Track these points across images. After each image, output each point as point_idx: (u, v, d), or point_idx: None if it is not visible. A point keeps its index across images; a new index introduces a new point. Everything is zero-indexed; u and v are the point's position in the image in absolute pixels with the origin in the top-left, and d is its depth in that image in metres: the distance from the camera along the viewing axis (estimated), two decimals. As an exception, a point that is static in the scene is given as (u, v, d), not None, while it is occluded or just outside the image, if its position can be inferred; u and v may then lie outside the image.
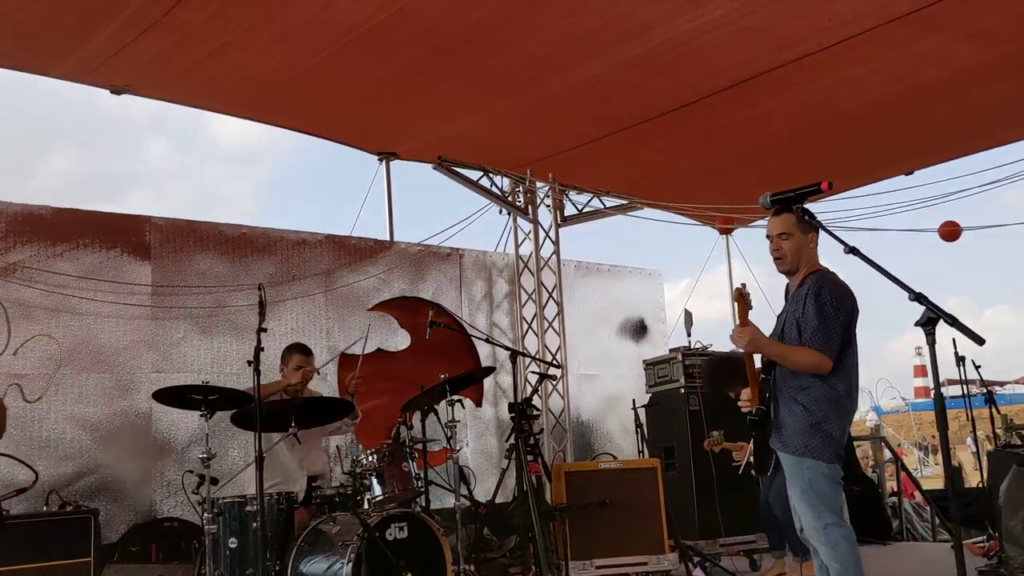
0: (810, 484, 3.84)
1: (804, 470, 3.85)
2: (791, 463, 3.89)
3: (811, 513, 3.84)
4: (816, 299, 3.81)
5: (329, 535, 4.98)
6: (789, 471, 3.91)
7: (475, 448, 8.90)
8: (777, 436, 3.92)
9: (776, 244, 3.99)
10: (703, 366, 6.88)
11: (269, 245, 7.86)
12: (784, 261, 4.01)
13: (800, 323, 3.86)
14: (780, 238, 3.96)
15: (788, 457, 3.89)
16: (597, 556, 5.91)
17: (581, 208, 9.58)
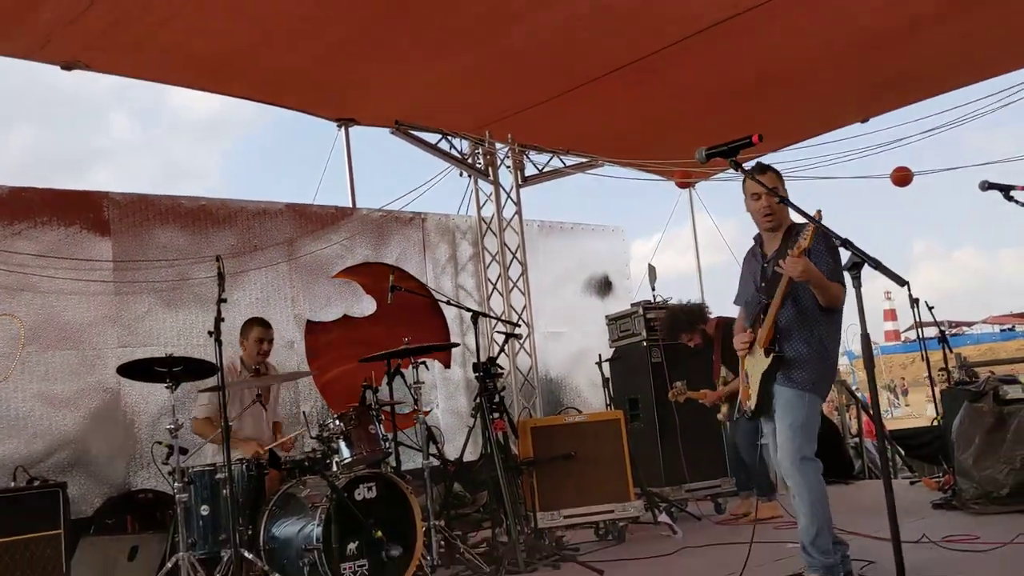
0: (805, 418, 4.03)
1: (804, 405, 4.04)
2: (791, 397, 4.04)
3: (794, 446, 4.01)
4: (826, 243, 3.93)
5: (299, 498, 5.08)
6: (786, 405, 4.04)
7: (445, 408, 9.02)
8: (783, 374, 4.06)
9: (768, 202, 4.10)
10: (664, 315, 7.04)
11: (229, 216, 7.86)
12: (773, 218, 4.16)
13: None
14: (769, 196, 4.05)
15: (789, 391, 4.04)
16: (565, 506, 6.06)
17: (541, 168, 9.65)
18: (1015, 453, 5.92)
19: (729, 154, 3.13)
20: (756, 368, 4.15)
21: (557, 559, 5.45)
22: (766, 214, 4.16)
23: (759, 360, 4.12)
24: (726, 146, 3.14)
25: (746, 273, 4.40)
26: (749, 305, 4.32)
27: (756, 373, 4.15)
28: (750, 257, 4.41)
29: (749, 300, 4.33)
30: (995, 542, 4.69)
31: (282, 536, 5.00)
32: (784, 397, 4.07)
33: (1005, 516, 5.55)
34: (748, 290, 4.35)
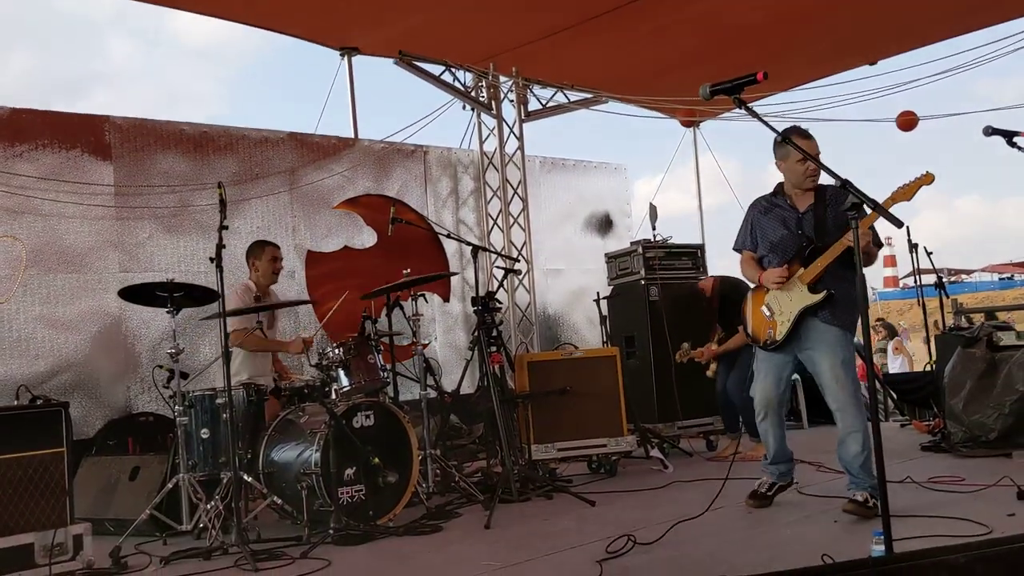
0: (851, 356, 4.47)
1: (848, 343, 4.47)
2: (839, 335, 4.43)
3: (851, 378, 4.42)
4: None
5: (298, 424, 5.16)
6: (834, 342, 4.41)
7: (443, 342, 9.10)
8: (833, 313, 4.41)
9: (816, 166, 4.34)
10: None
11: (231, 144, 7.83)
12: (817, 178, 4.51)
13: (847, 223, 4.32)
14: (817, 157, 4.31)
15: (836, 330, 4.42)
16: (559, 440, 6.15)
17: (545, 103, 9.56)
18: (1004, 399, 5.98)
19: (733, 91, 3.12)
20: (794, 303, 4.47)
21: (550, 490, 5.56)
22: (811, 176, 4.49)
23: (800, 295, 4.45)
24: (730, 83, 3.13)
25: (770, 220, 4.67)
26: (779, 247, 4.61)
27: (794, 307, 4.46)
28: (771, 206, 4.71)
29: (777, 241, 4.62)
30: (978, 484, 4.78)
31: (281, 460, 5.09)
32: (832, 335, 4.43)
33: (992, 460, 5.64)
34: (776, 233, 4.63)
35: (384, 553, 4.40)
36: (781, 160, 4.57)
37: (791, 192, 4.64)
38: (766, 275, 4.55)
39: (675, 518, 4.37)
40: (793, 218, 4.57)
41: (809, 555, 3.59)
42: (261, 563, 4.25)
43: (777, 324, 4.52)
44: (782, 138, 3.82)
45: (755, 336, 4.69)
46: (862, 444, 4.32)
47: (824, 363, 4.43)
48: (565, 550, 4.10)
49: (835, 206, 4.43)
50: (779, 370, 4.63)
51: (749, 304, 4.76)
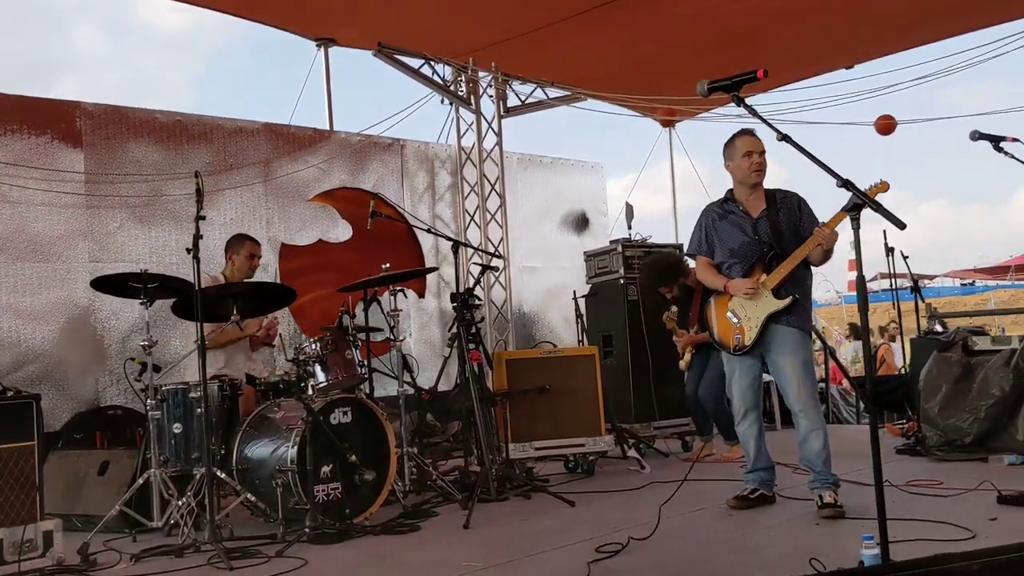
0: (809, 356, 4.64)
1: (807, 345, 4.63)
2: (799, 337, 4.55)
3: (811, 380, 4.57)
4: (808, 207, 4.65)
5: (274, 420, 5.06)
6: (795, 345, 4.52)
7: (418, 338, 9.02)
8: (793, 317, 4.51)
9: (760, 160, 4.61)
10: (644, 266, 7.01)
11: (205, 133, 7.69)
12: (762, 174, 4.64)
13: (799, 226, 4.57)
14: (762, 155, 4.61)
15: (797, 332, 4.54)
16: (536, 438, 6.09)
17: (524, 99, 9.51)
18: (980, 403, 6.01)
19: (732, 88, 3.09)
20: (760, 308, 4.55)
21: (528, 489, 5.50)
22: (757, 171, 4.61)
23: (765, 301, 4.53)
24: (729, 80, 3.09)
25: (727, 227, 4.74)
26: (739, 254, 4.67)
27: (760, 313, 4.54)
28: (724, 213, 4.78)
29: (737, 248, 4.68)
30: (959, 487, 4.79)
31: (255, 456, 4.99)
32: (793, 338, 4.54)
33: (967, 463, 5.67)
34: (735, 240, 4.69)
35: (362, 552, 4.32)
36: (728, 160, 4.69)
37: (741, 197, 4.72)
38: (734, 285, 4.60)
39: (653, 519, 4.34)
40: (748, 223, 4.66)
41: (795, 557, 3.57)
42: (235, 561, 4.15)
43: (745, 330, 4.59)
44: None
45: (722, 342, 4.74)
46: (823, 441, 4.48)
47: (787, 365, 4.53)
48: (548, 551, 4.05)
49: (787, 210, 4.62)
50: (751, 371, 4.70)
51: (713, 310, 4.79)
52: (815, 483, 4.47)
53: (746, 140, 4.64)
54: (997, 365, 6.12)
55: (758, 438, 4.72)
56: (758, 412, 4.73)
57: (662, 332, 7.01)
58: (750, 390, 4.68)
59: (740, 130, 4.72)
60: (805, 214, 4.61)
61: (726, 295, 4.67)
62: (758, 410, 4.73)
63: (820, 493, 4.40)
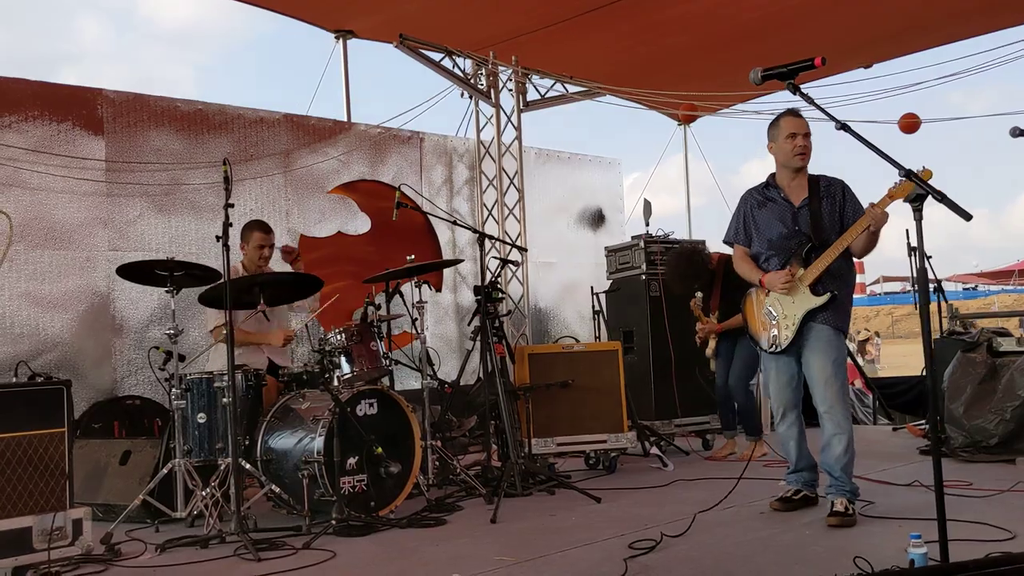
0: (843, 356, 4.43)
1: (841, 344, 4.43)
2: (832, 336, 4.37)
3: (839, 382, 4.36)
4: (852, 193, 4.44)
5: (299, 411, 5.02)
6: (828, 343, 4.35)
7: (434, 332, 8.96)
8: (830, 313, 4.34)
9: (804, 142, 4.40)
10: (671, 258, 6.87)
11: (226, 123, 7.64)
12: (806, 157, 4.43)
13: (842, 215, 4.38)
14: (806, 137, 4.40)
15: (831, 331, 4.36)
16: (558, 434, 6.05)
17: (544, 93, 9.45)
18: (1005, 404, 5.97)
19: (787, 76, 3.02)
20: (797, 305, 4.38)
21: (554, 485, 5.45)
22: (800, 154, 4.40)
23: (802, 298, 4.36)
24: (785, 68, 3.03)
25: (766, 216, 4.55)
26: (777, 245, 4.49)
27: (797, 311, 4.38)
28: (765, 200, 4.58)
29: (775, 240, 4.50)
30: (990, 489, 4.75)
31: (280, 448, 4.95)
32: (826, 336, 4.36)
33: (994, 465, 5.63)
34: (774, 231, 4.51)
35: (389, 546, 4.28)
36: (772, 141, 4.49)
37: (783, 182, 4.52)
38: (770, 279, 4.42)
39: (685, 517, 4.30)
40: (789, 213, 4.46)
41: (834, 557, 3.53)
42: (262, 553, 4.12)
43: (781, 328, 4.42)
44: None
45: (757, 338, 4.60)
46: (846, 446, 4.31)
47: (816, 363, 4.36)
48: (579, 547, 4.00)
49: (830, 199, 4.41)
50: (789, 368, 4.51)
51: (750, 305, 4.65)
52: (830, 489, 4.31)
53: (791, 121, 4.42)
54: (1023, 366, 6.07)
55: (799, 439, 4.56)
56: (798, 411, 4.54)
57: (684, 329, 6.96)
58: (788, 388, 4.51)
59: (786, 110, 4.51)
60: (849, 201, 4.41)
61: (762, 289, 4.51)
62: (798, 409, 4.54)
63: (833, 499, 4.25)
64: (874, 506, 4.47)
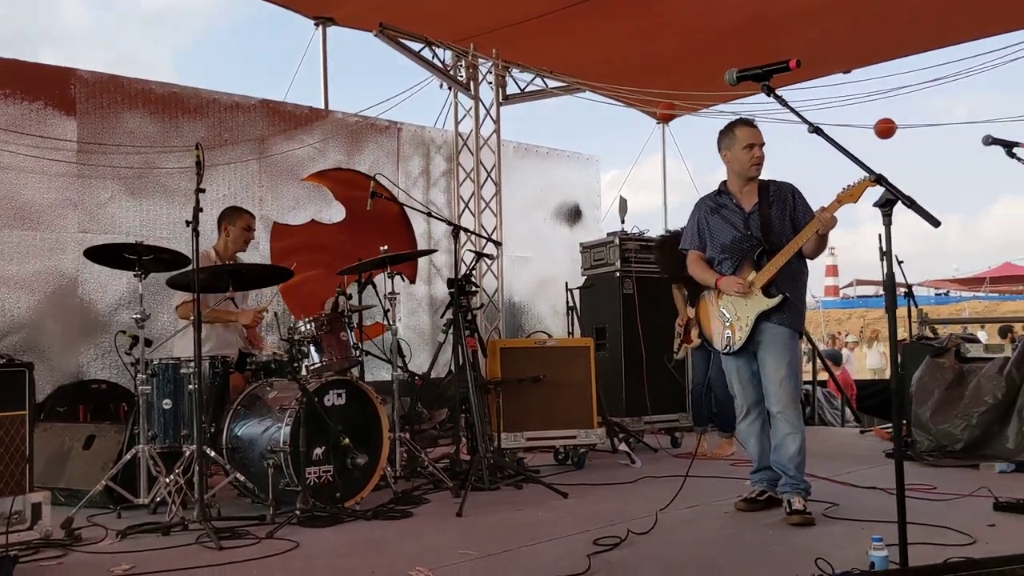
0: (796, 358, 4.48)
1: (796, 345, 4.49)
2: (787, 337, 4.42)
3: (793, 383, 4.43)
4: (802, 197, 4.52)
5: (266, 400, 4.97)
6: (783, 345, 4.40)
7: (407, 324, 8.94)
8: (784, 314, 4.40)
9: (761, 153, 4.48)
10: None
11: (201, 107, 7.57)
12: (761, 167, 4.51)
13: (793, 219, 4.45)
14: (762, 147, 4.49)
15: (786, 332, 4.42)
16: (528, 429, 6.05)
17: (524, 87, 9.43)
18: (972, 410, 6.02)
19: (762, 78, 3.03)
20: (750, 307, 4.44)
21: (521, 479, 5.45)
22: (757, 164, 4.48)
23: (755, 300, 4.42)
24: (760, 69, 3.03)
25: (719, 222, 4.61)
26: (730, 249, 4.56)
27: (750, 312, 4.44)
28: (717, 207, 4.65)
29: (728, 244, 4.57)
30: (954, 493, 4.79)
31: (246, 436, 4.90)
32: (781, 337, 4.42)
33: (959, 470, 5.68)
34: (726, 235, 4.57)
35: (354, 537, 4.25)
36: (727, 150, 4.54)
37: (735, 189, 4.59)
38: (725, 283, 4.48)
39: (651, 514, 4.31)
40: (740, 218, 4.53)
41: (796, 557, 3.55)
42: (224, 541, 4.08)
43: (735, 329, 4.48)
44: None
45: (710, 339, 4.66)
46: (800, 446, 4.38)
47: (771, 365, 4.41)
48: (544, 542, 4.00)
49: (780, 203, 4.49)
50: (748, 367, 4.56)
51: (704, 307, 4.70)
52: (785, 487, 4.38)
53: (748, 132, 4.48)
54: (990, 373, 6.13)
55: (760, 436, 4.60)
56: (761, 408, 4.57)
57: (656, 327, 6.98)
58: (750, 386, 4.55)
59: (739, 119, 4.58)
60: (800, 204, 4.49)
61: (715, 292, 4.57)
62: (761, 406, 4.56)
63: (789, 498, 4.31)
64: (838, 508, 4.51)
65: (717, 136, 4.61)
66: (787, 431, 4.38)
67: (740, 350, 4.50)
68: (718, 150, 4.62)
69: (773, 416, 4.45)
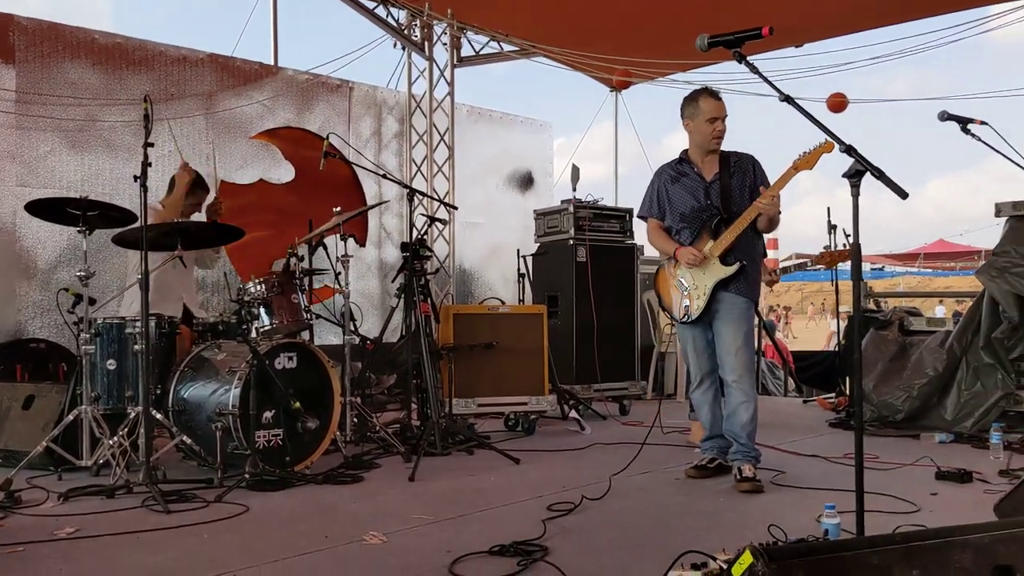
0: (751, 327, 4.56)
1: (751, 315, 4.57)
2: (744, 306, 4.50)
3: (749, 352, 4.51)
4: (762, 169, 4.57)
5: (214, 362, 4.87)
6: (740, 313, 4.48)
7: (356, 288, 8.78)
8: (742, 285, 4.47)
9: (723, 127, 4.52)
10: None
11: (146, 59, 7.32)
12: (722, 140, 4.54)
13: (752, 190, 4.45)
14: (724, 120, 4.52)
15: (743, 301, 4.49)
16: (479, 395, 6.04)
17: (479, 49, 9.31)
18: (913, 382, 6.17)
19: (734, 44, 3.00)
20: (708, 276, 4.49)
21: (473, 445, 5.44)
22: (718, 137, 4.51)
23: (713, 268, 4.47)
24: (732, 35, 3.00)
25: (678, 191, 4.64)
26: (689, 218, 4.59)
27: (708, 281, 4.49)
28: (678, 175, 4.66)
29: (688, 213, 4.59)
30: (896, 462, 4.90)
31: (193, 399, 4.81)
32: (738, 306, 4.50)
33: (899, 440, 5.81)
34: (686, 205, 4.60)
35: (305, 501, 4.19)
36: (689, 119, 4.55)
37: (696, 158, 4.61)
38: (682, 252, 4.51)
39: (602, 480, 4.33)
40: (701, 188, 4.55)
41: (747, 524, 3.59)
42: (172, 505, 4.00)
43: (692, 298, 4.52)
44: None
45: (668, 308, 4.70)
46: (752, 414, 4.45)
47: (727, 334, 4.47)
48: (498, 507, 3.99)
49: (740, 173, 4.53)
50: (704, 336, 4.61)
51: (662, 276, 4.74)
52: (736, 455, 4.45)
53: (712, 104, 4.50)
54: (932, 346, 6.28)
55: (713, 404, 4.66)
56: (714, 377, 4.63)
57: (608, 295, 7.00)
58: (704, 355, 4.60)
59: (705, 89, 4.57)
60: (760, 176, 4.54)
61: (673, 261, 4.60)
62: (714, 375, 4.62)
63: (740, 466, 4.38)
64: (785, 476, 4.59)
65: (681, 102, 4.61)
66: (741, 399, 4.44)
67: (697, 319, 4.53)
68: (681, 117, 4.61)
69: (727, 385, 4.50)
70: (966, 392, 6.00)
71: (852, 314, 7.53)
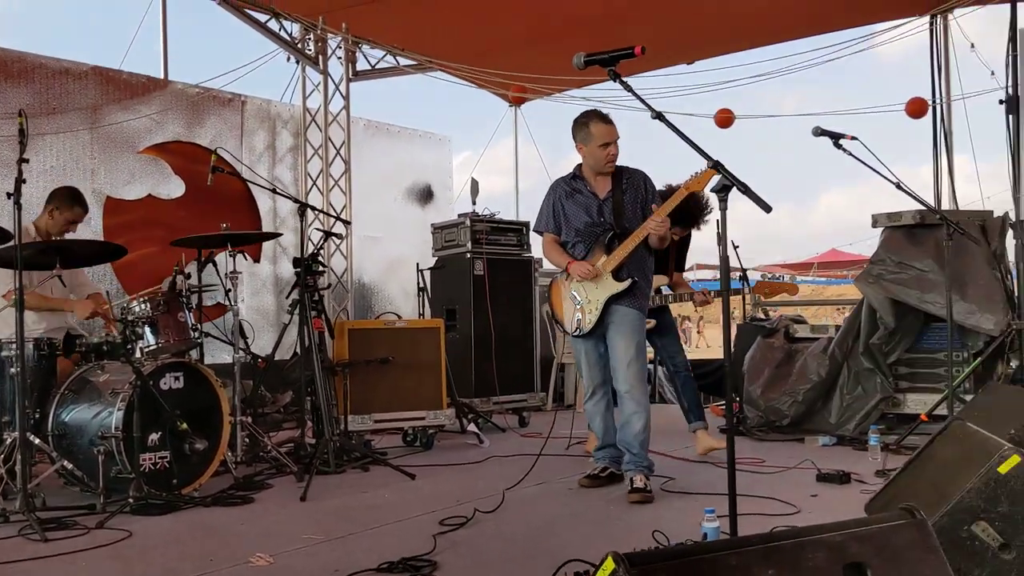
0: (643, 339, 4.64)
1: (643, 327, 4.65)
2: (635, 319, 4.57)
3: (641, 362, 4.58)
4: (653, 185, 4.70)
5: (96, 384, 4.71)
6: (632, 327, 4.55)
7: (250, 304, 8.67)
8: (634, 299, 4.55)
9: (616, 150, 4.58)
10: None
11: (26, 71, 7.06)
12: (615, 163, 4.61)
13: (644, 206, 4.57)
14: (616, 144, 4.57)
15: (635, 314, 4.56)
16: (376, 411, 5.99)
17: (375, 64, 9.28)
18: (798, 387, 6.39)
19: (609, 63, 3.08)
20: (600, 291, 4.56)
21: (367, 461, 5.39)
22: (611, 161, 4.58)
23: (605, 283, 4.54)
24: (607, 54, 3.08)
25: (573, 206, 4.71)
26: (583, 234, 4.67)
27: (600, 295, 4.55)
28: (572, 191, 4.73)
29: (582, 229, 4.67)
30: (780, 466, 5.07)
31: (74, 422, 4.63)
32: (631, 319, 4.56)
33: (785, 444, 6.01)
34: (580, 220, 4.68)
35: (192, 524, 4.10)
36: (582, 143, 4.60)
37: (589, 176, 4.69)
38: (575, 268, 4.57)
39: (498, 493, 4.35)
40: (595, 204, 4.64)
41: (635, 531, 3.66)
42: (50, 532, 3.85)
43: (585, 312, 4.59)
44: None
45: (561, 322, 4.77)
46: (644, 423, 4.52)
47: (620, 346, 4.54)
48: (391, 523, 3.98)
49: (633, 190, 4.63)
50: (597, 348, 4.69)
51: (556, 289, 4.81)
52: (629, 465, 4.51)
53: (603, 129, 4.54)
54: (816, 352, 6.53)
55: (606, 414, 4.75)
56: (606, 388, 4.71)
57: (506, 308, 7.05)
58: (596, 367, 4.68)
59: (594, 112, 4.60)
60: (651, 192, 4.65)
61: (568, 276, 4.66)
62: (607, 386, 4.70)
63: (632, 476, 4.44)
64: (674, 482, 4.70)
65: (572, 126, 4.65)
66: (633, 409, 4.51)
67: (589, 333, 4.60)
68: (573, 139, 4.66)
69: (620, 395, 4.57)
70: (848, 396, 6.25)
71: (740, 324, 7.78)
